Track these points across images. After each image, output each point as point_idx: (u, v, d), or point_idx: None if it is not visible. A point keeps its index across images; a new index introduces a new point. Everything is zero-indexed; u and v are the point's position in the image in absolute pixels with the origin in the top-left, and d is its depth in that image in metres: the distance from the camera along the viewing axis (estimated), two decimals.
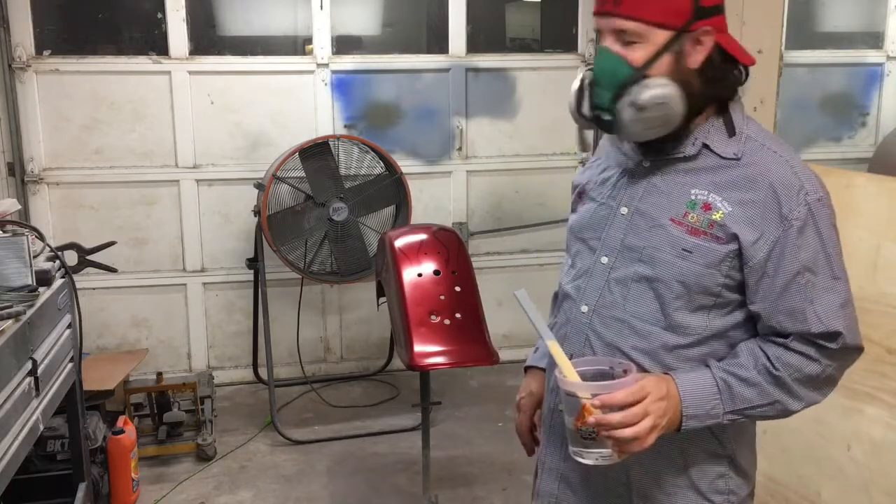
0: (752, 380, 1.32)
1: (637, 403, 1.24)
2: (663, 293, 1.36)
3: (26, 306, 2.25)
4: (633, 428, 1.23)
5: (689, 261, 1.33)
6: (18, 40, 3.94)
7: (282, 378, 4.33)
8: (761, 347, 1.34)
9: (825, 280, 1.32)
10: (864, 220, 2.33)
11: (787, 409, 1.35)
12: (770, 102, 3.04)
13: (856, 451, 2.38)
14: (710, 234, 1.32)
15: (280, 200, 3.81)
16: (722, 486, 1.43)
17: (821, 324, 1.31)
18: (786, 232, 1.30)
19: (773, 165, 1.32)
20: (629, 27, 1.28)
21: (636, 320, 1.38)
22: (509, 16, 4.79)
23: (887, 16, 4.95)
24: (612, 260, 1.41)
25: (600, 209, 1.46)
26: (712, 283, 1.33)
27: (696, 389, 1.31)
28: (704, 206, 1.33)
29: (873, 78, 4.92)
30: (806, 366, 1.32)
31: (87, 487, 2.78)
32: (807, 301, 1.31)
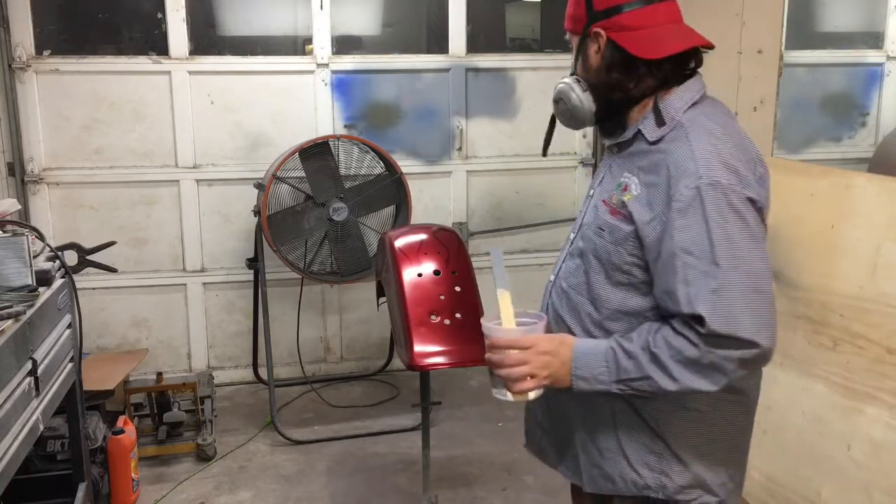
0: (633, 353, 1.39)
1: (519, 349, 1.41)
2: (587, 267, 1.52)
3: (26, 306, 2.25)
4: (507, 370, 1.41)
5: (602, 238, 1.48)
6: (18, 40, 3.94)
7: (282, 378, 4.33)
8: (657, 327, 1.40)
9: (704, 264, 1.33)
10: (864, 220, 2.34)
11: (660, 387, 1.37)
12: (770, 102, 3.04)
13: (856, 451, 2.38)
14: (621, 213, 1.45)
15: (280, 200, 3.81)
16: (653, 463, 1.50)
17: (688, 305, 1.34)
18: (671, 212, 1.36)
19: (677, 150, 1.39)
20: (567, 36, 1.56)
21: (572, 291, 1.56)
22: (509, 16, 4.79)
23: (887, 16, 4.95)
24: (574, 237, 1.61)
25: (586, 198, 1.65)
26: (620, 259, 1.46)
27: (587, 353, 1.42)
28: (624, 188, 1.46)
29: (873, 78, 4.92)
30: (686, 349, 1.35)
31: (87, 487, 2.78)
32: (682, 282, 1.35)
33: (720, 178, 1.33)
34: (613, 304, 1.48)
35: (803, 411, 2.60)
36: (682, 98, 1.45)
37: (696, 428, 1.49)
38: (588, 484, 1.57)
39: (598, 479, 1.56)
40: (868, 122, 4.94)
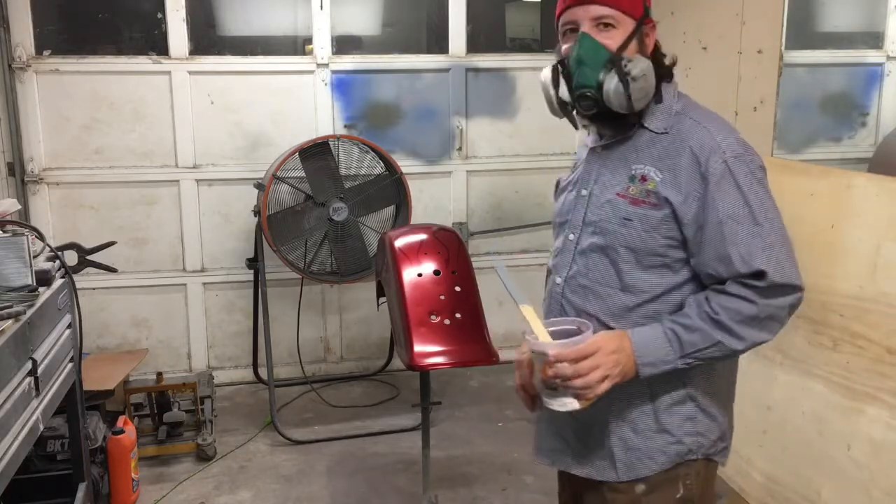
0: (695, 325, 1.48)
1: (588, 357, 1.44)
2: (615, 258, 1.56)
3: (26, 306, 2.25)
4: (584, 378, 1.43)
5: (630, 227, 1.54)
6: (18, 40, 3.94)
7: (282, 378, 4.34)
8: (706, 297, 1.50)
9: (748, 226, 1.47)
10: (864, 220, 2.33)
11: (731, 349, 1.48)
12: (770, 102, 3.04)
13: (856, 451, 2.38)
14: (647, 202, 1.52)
15: (280, 200, 3.81)
16: (689, 427, 1.58)
17: (745, 265, 1.46)
18: (706, 187, 1.48)
19: (692, 132, 1.52)
20: (606, 13, 1.50)
21: (597, 285, 1.59)
22: (509, 16, 4.79)
23: (887, 16, 4.94)
24: (577, 236, 1.63)
25: (570, 196, 1.68)
26: (654, 244, 1.52)
27: (647, 341, 1.49)
28: (641, 178, 1.54)
29: (873, 78, 4.91)
30: (744, 307, 1.46)
31: (87, 487, 2.78)
32: (731, 245, 1.47)
33: (741, 151, 1.49)
34: (649, 286, 1.55)
35: (803, 411, 2.60)
36: (669, 92, 1.58)
37: (712, 379, 1.60)
38: (625, 472, 1.61)
39: (636, 465, 1.60)
40: (868, 122, 4.94)
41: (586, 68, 1.51)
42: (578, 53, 1.51)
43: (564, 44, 1.56)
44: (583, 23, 1.51)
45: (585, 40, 1.51)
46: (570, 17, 1.52)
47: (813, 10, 4.86)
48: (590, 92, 1.51)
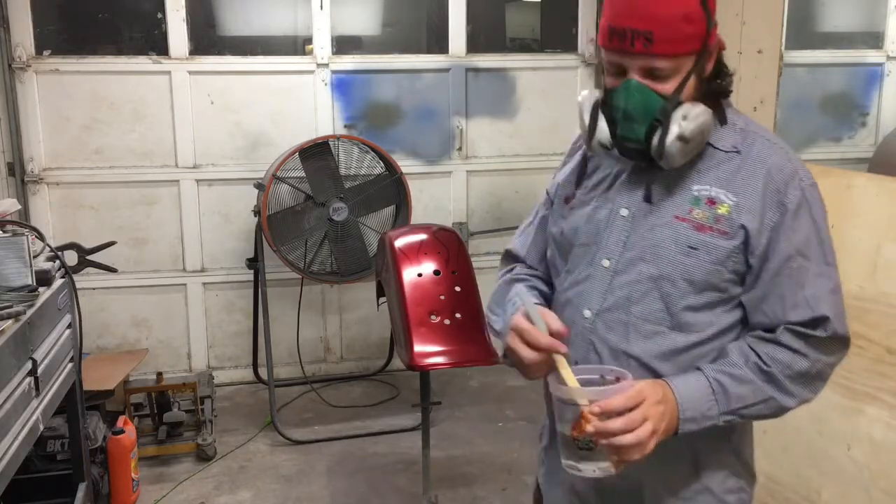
0: (745, 377, 1.31)
1: (636, 408, 1.21)
2: (669, 291, 1.34)
3: (26, 306, 2.25)
4: (635, 433, 1.19)
5: (694, 258, 1.32)
6: (18, 40, 3.94)
7: (282, 378, 4.33)
8: (750, 345, 1.34)
9: (817, 265, 1.33)
10: (864, 220, 2.33)
11: (782, 406, 1.34)
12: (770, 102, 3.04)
13: (856, 451, 2.38)
14: (716, 228, 1.32)
15: (280, 200, 3.81)
16: (733, 485, 1.43)
17: (809, 309, 1.31)
18: (782, 216, 1.31)
19: (768, 152, 1.35)
20: (662, 65, 1.27)
21: (643, 322, 1.36)
22: (509, 16, 4.79)
23: (887, 16, 4.94)
24: (615, 262, 1.38)
25: (597, 212, 1.42)
26: (719, 279, 1.33)
27: (691, 392, 1.29)
28: (708, 201, 1.33)
29: (873, 78, 4.91)
30: (796, 362, 1.31)
31: (87, 487, 2.78)
32: (798, 286, 1.31)
33: (813, 179, 1.35)
34: (704, 325, 1.35)
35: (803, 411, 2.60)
36: (730, 108, 1.41)
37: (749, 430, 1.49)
38: None
39: None
40: (868, 122, 4.94)
41: (633, 123, 1.30)
42: (625, 106, 1.29)
43: (608, 77, 1.34)
44: (631, 70, 1.29)
45: (634, 91, 1.29)
46: (616, 59, 1.30)
47: (813, 10, 4.86)
48: (635, 145, 1.32)
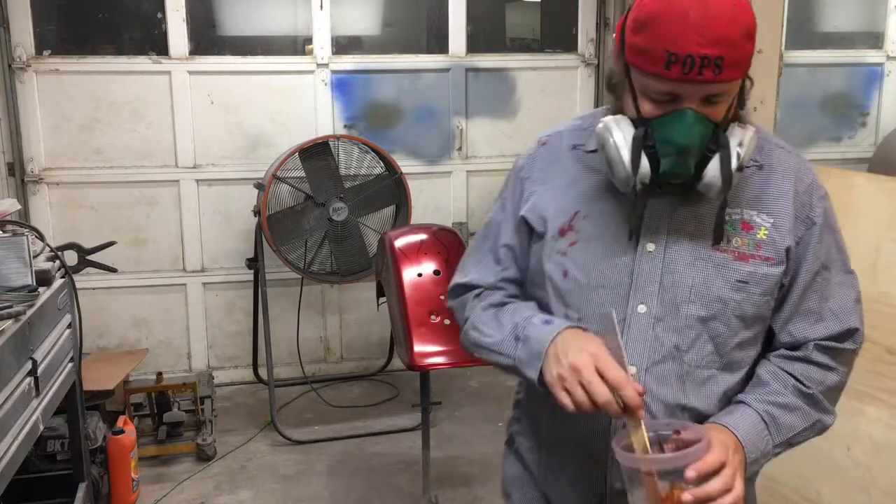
0: (792, 404, 1.24)
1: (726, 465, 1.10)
2: (721, 332, 1.23)
3: (26, 306, 2.25)
4: (734, 492, 1.08)
5: (745, 292, 1.21)
6: (18, 40, 3.94)
7: (282, 378, 4.33)
8: (783, 368, 1.26)
9: (839, 275, 1.28)
10: (864, 220, 2.33)
11: (825, 427, 1.28)
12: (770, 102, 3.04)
13: (856, 451, 2.38)
14: (758, 256, 1.22)
15: (280, 200, 3.81)
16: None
17: (838, 322, 1.26)
18: (809, 231, 1.25)
19: (788, 163, 1.27)
20: (727, 90, 1.14)
21: (696, 369, 1.24)
22: (509, 16, 4.79)
23: (887, 16, 4.95)
24: (653, 307, 1.23)
25: (611, 249, 1.25)
26: (767, 309, 1.25)
27: (749, 432, 1.20)
28: (744, 225, 1.22)
29: (873, 78, 4.91)
30: (828, 378, 1.26)
31: (87, 487, 2.78)
32: (822, 298, 1.26)
33: (823, 184, 1.30)
34: (748, 361, 1.27)
35: None
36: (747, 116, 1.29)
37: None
38: None
39: None
40: (868, 122, 4.94)
41: (688, 158, 1.14)
42: (684, 141, 1.13)
43: (647, 103, 1.16)
44: (687, 98, 1.13)
45: (694, 124, 1.13)
46: (673, 89, 1.12)
47: (813, 10, 4.86)
48: (682, 180, 1.17)
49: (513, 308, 1.33)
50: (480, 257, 1.42)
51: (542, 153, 1.37)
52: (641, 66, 1.13)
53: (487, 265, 1.40)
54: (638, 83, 1.16)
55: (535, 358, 1.20)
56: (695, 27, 1.07)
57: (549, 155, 1.36)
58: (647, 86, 1.15)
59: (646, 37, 1.11)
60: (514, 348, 1.25)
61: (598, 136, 1.21)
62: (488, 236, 1.42)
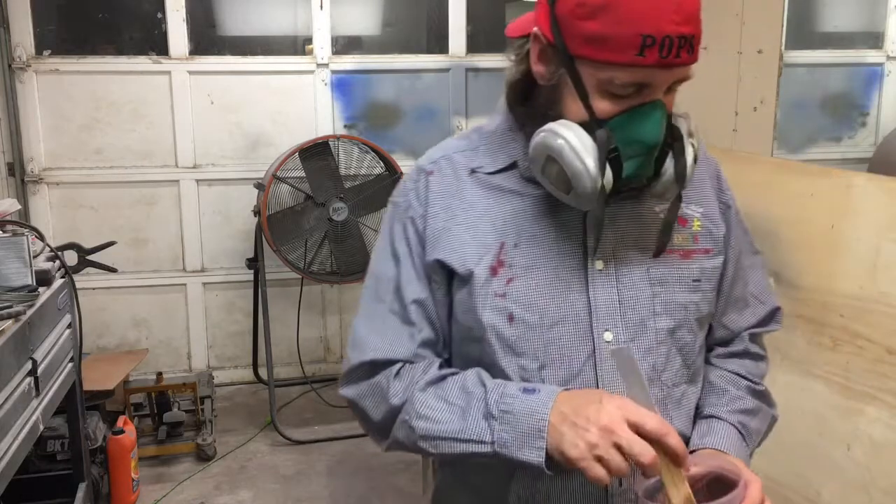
0: (755, 408, 1.18)
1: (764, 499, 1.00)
2: (687, 340, 1.13)
3: (26, 306, 2.25)
4: None
5: (701, 291, 1.13)
6: (18, 40, 3.94)
7: (282, 378, 4.33)
8: (730, 369, 1.21)
9: (750, 257, 1.23)
10: (864, 220, 2.34)
11: (775, 419, 1.24)
12: (770, 102, 3.04)
13: (856, 451, 2.38)
14: (700, 249, 1.13)
15: (280, 200, 3.81)
16: None
17: (762, 306, 1.23)
18: (727, 215, 1.18)
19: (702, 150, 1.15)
20: (691, 73, 1.02)
21: (673, 388, 1.13)
22: (509, 16, 4.79)
23: (887, 16, 4.94)
24: (620, 331, 1.08)
25: (556, 276, 1.09)
26: (714, 305, 1.18)
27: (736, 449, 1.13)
28: (679, 220, 1.12)
29: (873, 78, 4.91)
30: (762, 367, 1.23)
31: (87, 487, 2.78)
32: (744, 285, 1.21)
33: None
34: (702, 365, 1.19)
35: (803, 411, 2.60)
36: None
37: None
38: None
39: None
40: (868, 122, 4.94)
41: (653, 156, 1.02)
42: (654, 138, 1.00)
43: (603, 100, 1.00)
44: (656, 88, 1.00)
45: (662, 118, 1.01)
46: (646, 78, 0.98)
47: (813, 10, 4.86)
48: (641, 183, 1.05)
49: (457, 382, 1.08)
50: (380, 324, 1.14)
51: (432, 184, 1.15)
52: (600, 56, 0.96)
53: (395, 331, 1.12)
54: (592, 79, 0.99)
55: (533, 436, 0.98)
56: (671, 2, 0.94)
57: (441, 185, 1.15)
58: (607, 79, 0.98)
59: (606, 21, 0.94)
60: (489, 431, 1.01)
61: (543, 147, 1.01)
62: (382, 297, 1.15)
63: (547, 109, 1.06)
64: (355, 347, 1.15)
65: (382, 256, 1.17)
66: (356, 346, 1.15)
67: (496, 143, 1.18)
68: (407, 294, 1.12)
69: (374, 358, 1.12)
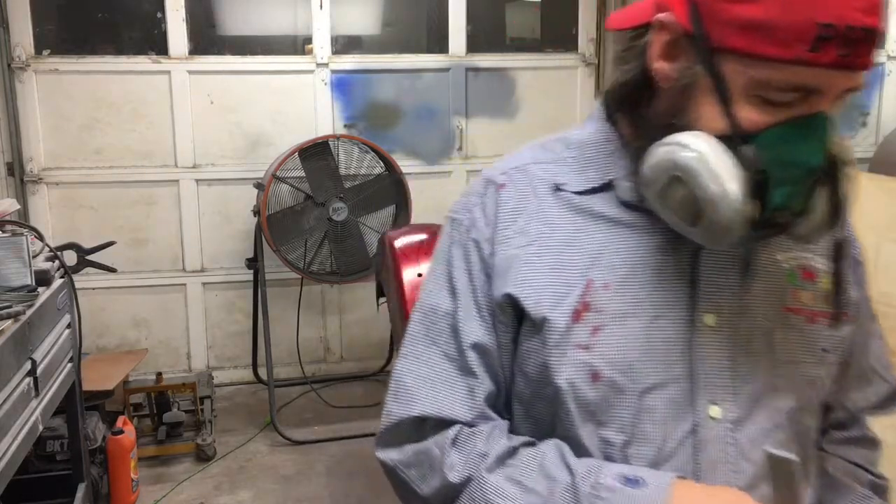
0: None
1: None
2: (808, 424, 0.93)
3: (26, 306, 2.25)
4: None
5: (826, 364, 0.92)
6: (18, 40, 3.94)
7: (282, 378, 4.33)
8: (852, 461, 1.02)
9: (872, 322, 1.02)
10: (864, 220, 2.33)
11: None
12: None
13: None
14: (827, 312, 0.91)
15: (280, 200, 3.81)
16: None
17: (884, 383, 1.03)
18: (857, 273, 1.00)
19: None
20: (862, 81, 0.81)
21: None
22: (509, 16, 4.79)
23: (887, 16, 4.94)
24: (729, 407, 0.86)
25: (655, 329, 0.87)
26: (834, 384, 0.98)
27: None
28: (804, 273, 0.91)
29: (873, 78, 4.91)
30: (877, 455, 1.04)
31: (86, 488, 2.78)
32: (864, 356, 1.01)
33: None
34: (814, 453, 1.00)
35: None
36: None
37: None
38: None
39: None
40: (868, 122, 4.94)
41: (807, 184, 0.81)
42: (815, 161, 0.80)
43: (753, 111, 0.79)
44: (827, 96, 0.79)
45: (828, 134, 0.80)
46: (813, 80, 0.77)
47: None
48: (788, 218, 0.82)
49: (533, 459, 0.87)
50: (432, 371, 0.93)
51: (504, 200, 0.94)
52: (759, 49, 0.75)
53: (451, 383, 0.92)
54: (740, 79, 0.78)
55: None
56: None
57: (515, 202, 0.94)
58: (762, 80, 0.77)
59: (770, 4, 0.74)
60: None
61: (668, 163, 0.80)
62: (435, 337, 0.94)
63: (669, 118, 0.84)
64: (399, 398, 0.95)
65: (437, 286, 0.97)
66: (401, 396, 0.95)
67: (587, 157, 0.95)
68: (466, 336, 0.92)
69: (424, 414, 0.91)
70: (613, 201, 0.91)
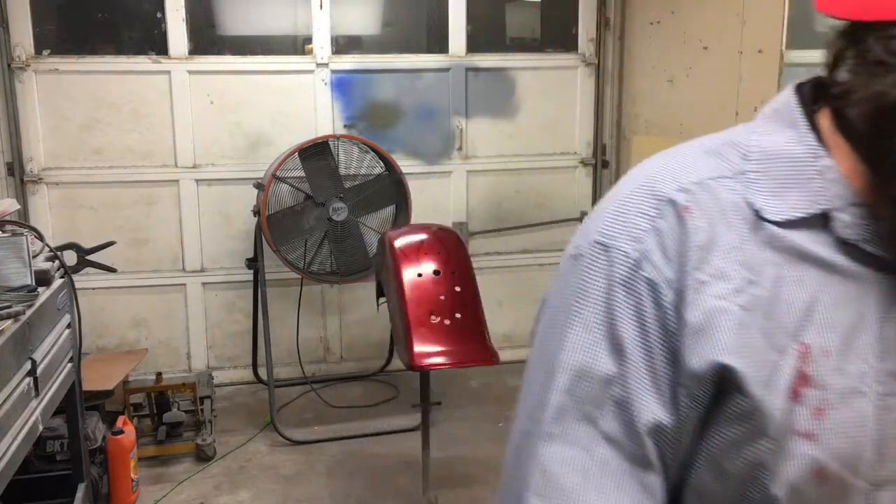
0: None
1: None
2: None
3: (26, 306, 2.25)
4: None
5: None
6: (18, 40, 3.94)
7: (281, 378, 4.33)
8: None
9: None
10: None
11: None
12: None
13: None
14: None
15: (280, 200, 3.81)
16: None
17: None
18: None
19: None
20: None
21: None
22: (509, 16, 4.79)
23: None
24: None
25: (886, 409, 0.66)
26: None
27: None
28: None
29: None
30: None
31: (86, 488, 2.78)
32: None
33: None
34: None
35: None
36: None
37: None
38: None
39: None
40: None
41: None
42: None
43: None
44: None
45: None
46: None
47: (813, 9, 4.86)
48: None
49: None
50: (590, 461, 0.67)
51: (693, 230, 0.67)
52: None
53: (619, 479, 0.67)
54: None
55: None
56: None
57: (706, 233, 0.68)
58: None
59: None
60: None
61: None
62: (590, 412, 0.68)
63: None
64: (551, 497, 0.67)
65: (587, 340, 0.69)
66: (552, 495, 0.67)
67: (784, 175, 0.69)
68: (640, 413, 0.66)
69: None
70: (823, 238, 0.68)
